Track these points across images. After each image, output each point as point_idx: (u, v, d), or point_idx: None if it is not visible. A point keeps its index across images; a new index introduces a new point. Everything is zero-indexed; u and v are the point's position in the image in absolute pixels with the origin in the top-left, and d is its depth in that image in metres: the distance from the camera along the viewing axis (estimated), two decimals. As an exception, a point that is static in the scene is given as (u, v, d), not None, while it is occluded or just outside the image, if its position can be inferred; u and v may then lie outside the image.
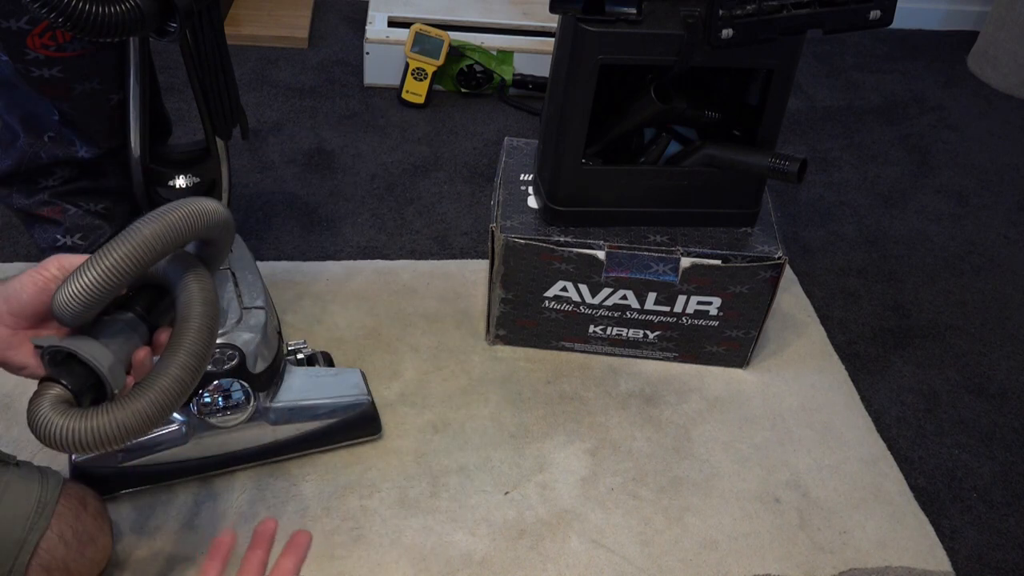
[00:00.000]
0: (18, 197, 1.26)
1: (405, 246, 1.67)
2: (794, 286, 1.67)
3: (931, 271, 1.76)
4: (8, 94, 1.16)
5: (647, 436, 1.37)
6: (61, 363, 0.80)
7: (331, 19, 2.35)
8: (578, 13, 1.18)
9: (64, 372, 0.78)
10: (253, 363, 1.15)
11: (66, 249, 1.30)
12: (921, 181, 2.01)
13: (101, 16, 0.83)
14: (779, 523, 1.27)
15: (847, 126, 2.17)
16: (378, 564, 1.16)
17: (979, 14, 2.62)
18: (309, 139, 1.92)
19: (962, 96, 2.35)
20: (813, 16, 1.17)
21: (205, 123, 1.15)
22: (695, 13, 1.17)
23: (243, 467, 1.24)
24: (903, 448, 1.40)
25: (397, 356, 1.44)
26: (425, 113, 2.04)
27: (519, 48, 2.08)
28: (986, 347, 1.61)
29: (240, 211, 1.69)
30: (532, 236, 1.33)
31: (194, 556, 1.14)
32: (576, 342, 1.46)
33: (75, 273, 0.74)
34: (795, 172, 1.24)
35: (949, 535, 1.28)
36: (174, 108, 1.84)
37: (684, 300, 1.37)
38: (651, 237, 1.35)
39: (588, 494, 1.28)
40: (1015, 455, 1.42)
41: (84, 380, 0.79)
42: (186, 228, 0.79)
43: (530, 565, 1.18)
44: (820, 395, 1.46)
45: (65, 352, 0.79)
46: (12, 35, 1.06)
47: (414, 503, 1.23)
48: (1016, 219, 1.93)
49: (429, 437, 1.32)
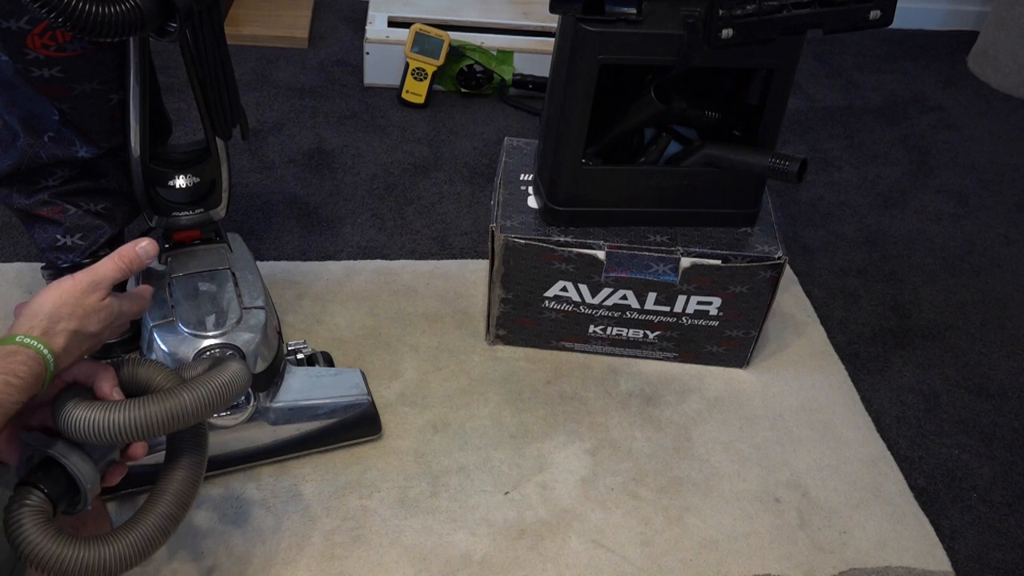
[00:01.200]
0: (18, 197, 1.26)
1: (405, 246, 1.67)
2: (794, 286, 1.67)
3: (931, 271, 1.76)
4: (8, 94, 1.16)
5: (647, 436, 1.37)
6: (40, 466, 0.82)
7: (331, 19, 2.35)
8: (578, 13, 1.18)
9: (43, 477, 0.81)
10: (253, 363, 1.15)
11: (66, 249, 1.30)
12: (921, 181, 2.01)
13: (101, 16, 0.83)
14: (779, 523, 1.27)
15: (847, 126, 2.17)
16: (378, 564, 1.16)
17: (979, 14, 2.62)
18: (309, 139, 1.92)
19: (962, 96, 2.35)
20: (813, 16, 1.17)
21: (205, 123, 1.15)
22: (695, 13, 1.17)
23: (243, 467, 1.24)
24: (903, 448, 1.40)
25: (397, 356, 1.44)
26: (425, 113, 2.04)
27: (519, 48, 2.08)
28: (986, 347, 1.60)
29: (240, 211, 1.69)
30: (532, 236, 1.33)
31: (194, 556, 1.14)
32: (576, 342, 1.46)
33: (103, 410, 0.80)
34: (795, 172, 1.24)
35: (949, 535, 1.28)
36: (174, 108, 1.84)
37: (684, 300, 1.37)
38: (651, 237, 1.35)
39: (588, 494, 1.28)
40: (1015, 455, 1.42)
41: (63, 487, 0.82)
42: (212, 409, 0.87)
43: (530, 565, 1.18)
44: (820, 395, 1.46)
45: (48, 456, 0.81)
46: (12, 35, 1.06)
47: (414, 503, 1.23)
48: (1016, 219, 1.93)
49: (429, 437, 1.32)
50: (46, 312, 0.82)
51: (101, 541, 0.80)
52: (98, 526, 1.01)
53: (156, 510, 0.87)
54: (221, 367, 0.90)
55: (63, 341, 0.82)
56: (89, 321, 0.85)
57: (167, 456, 0.93)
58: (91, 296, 0.86)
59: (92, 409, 0.80)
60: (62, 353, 0.82)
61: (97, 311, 0.86)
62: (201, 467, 0.93)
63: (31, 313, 0.82)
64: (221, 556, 1.15)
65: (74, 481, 0.81)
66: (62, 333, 0.82)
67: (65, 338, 0.83)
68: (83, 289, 0.85)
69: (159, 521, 0.86)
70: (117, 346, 1.30)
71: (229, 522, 1.18)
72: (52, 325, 0.82)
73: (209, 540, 1.16)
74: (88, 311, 0.85)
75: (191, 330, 1.13)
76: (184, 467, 0.91)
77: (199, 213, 1.23)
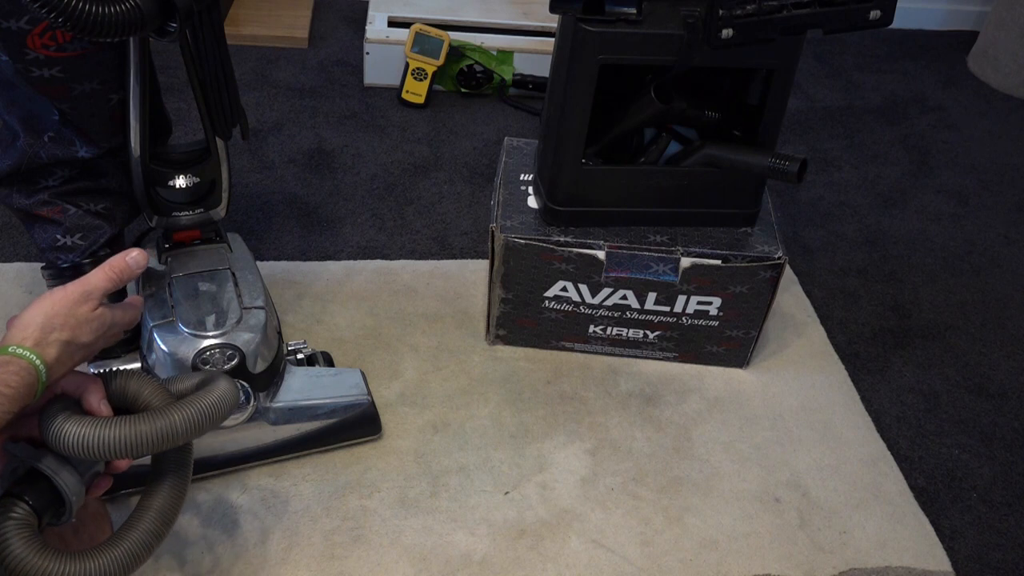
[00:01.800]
0: (18, 197, 1.26)
1: (405, 246, 1.67)
2: (794, 286, 1.67)
3: (931, 271, 1.76)
4: (8, 94, 1.16)
5: (647, 436, 1.37)
6: (25, 478, 0.82)
7: (331, 19, 2.35)
8: (578, 13, 1.18)
9: (28, 489, 0.81)
10: (253, 363, 1.15)
11: (66, 249, 1.29)
12: (921, 181, 2.01)
13: (101, 16, 0.83)
14: (779, 523, 1.27)
15: (847, 126, 2.17)
16: (378, 564, 1.16)
17: (979, 14, 2.62)
18: (309, 139, 1.92)
19: (962, 96, 2.35)
20: (813, 16, 1.17)
21: (205, 123, 1.15)
22: (695, 13, 1.17)
23: (243, 467, 1.24)
24: (903, 448, 1.40)
25: (397, 356, 1.44)
26: (425, 113, 2.04)
27: (519, 48, 2.08)
28: (986, 347, 1.60)
29: (240, 211, 1.69)
30: (532, 236, 1.33)
31: (192, 556, 1.14)
32: (576, 342, 1.46)
33: (93, 426, 0.81)
34: (795, 172, 1.24)
35: (949, 535, 1.28)
36: (174, 108, 1.84)
37: (684, 300, 1.37)
38: (651, 237, 1.35)
39: (588, 494, 1.28)
40: (1015, 455, 1.42)
41: (48, 499, 0.82)
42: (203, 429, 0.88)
43: (530, 565, 1.18)
44: (820, 395, 1.46)
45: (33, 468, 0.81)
46: (12, 35, 1.06)
47: (414, 503, 1.23)
48: (1016, 219, 1.93)
49: (429, 437, 1.32)
50: (38, 323, 0.83)
51: (86, 556, 0.81)
52: (99, 528, 1.02)
53: (141, 526, 0.88)
54: (211, 386, 0.90)
55: (55, 352, 0.83)
56: (81, 331, 0.85)
57: (152, 469, 0.93)
58: (83, 307, 0.86)
59: (82, 425, 0.80)
60: (54, 364, 0.83)
61: (89, 321, 0.86)
62: (186, 482, 0.94)
63: (23, 324, 0.83)
64: (221, 556, 1.15)
65: (59, 493, 0.82)
66: (54, 344, 0.83)
67: (57, 349, 0.83)
68: (75, 300, 0.86)
69: (143, 537, 0.87)
70: (117, 345, 1.30)
71: (229, 522, 1.18)
72: (44, 336, 0.82)
73: (209, 540, 1.16)
74: (80, 321, 0.85)
75: (191, 330, 1.13)
76: (169, 482, 0.92)
77: (199, 213, 1.23)
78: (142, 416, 0.83)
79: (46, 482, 0.81)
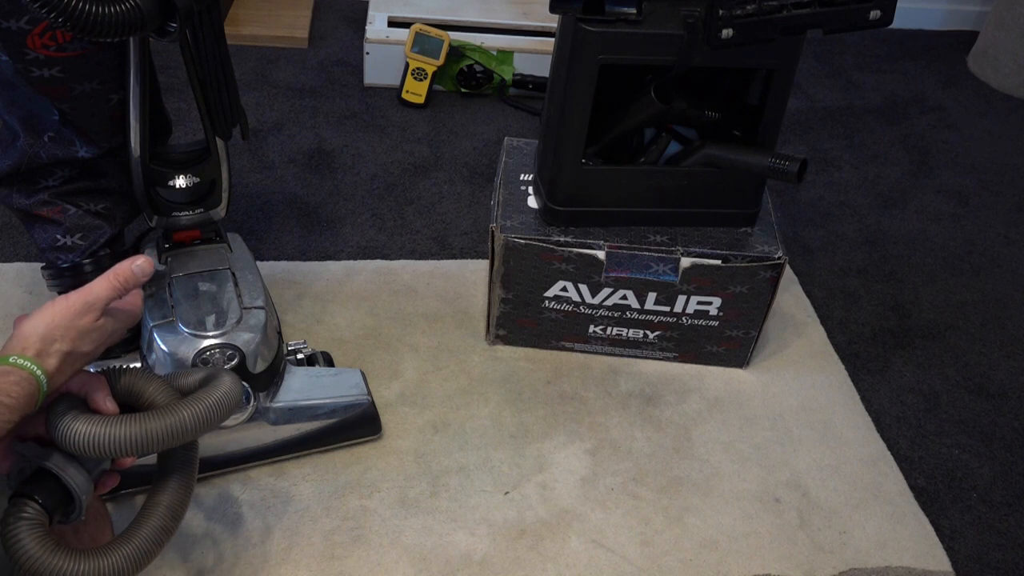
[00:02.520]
0: (18, 197, 1.26)
1: (405, 246, 1.67)
2: (794, 286, 1.67)
3: (931, 271, 1.76)
4: (8, 94, 1.16)
5: (647, 436, 1.37)
6: (34, 477, 0.82)
7: (331, 19, 2.35)
8: (578, 13, 1.18)
9: (38, 488, 0.81)
10: (253, 363, 1.15)
11: (66, 249, 1.29)
12: (921, 181, 2.01)
13: (101, 16, 0.83)
14: (779, 523, 1.27)
15: (847, 126, 2.17)
16: (378, 564, 1.16)
17: (979, 14, 2.62)
18: (309, 139, 1.92)
19: (962, 96, 2.35)
20: (813, 16, 1.17)
21: (205, 123, 1.15)
22: (695, 13, 1.17)
23: (243, 467, 1.24)
24: (903, 448, 1.40)
25: (397, 356, 1.44)
26: (425, 113, 2.04)
27: (519, 48, 2.08)
28: (986, 347, 1.61)
29: (240, 211, 1.69)
30: (532, 236, 1.33)
31: (193, 556, 1.14)
32: (576, 342, 1.46)
33: (102, 425, 0.81)
34: (795, 172, 1.24)
35: (949, 535, 1.28)
36: (174, 108, 1.84)
37: (684, 300, 1.37)
38: (651, 237, 1.35)
39: (588, 494, 1.28)
40: (1015, 455, 1.42)
41: (57, 498, 0.83)
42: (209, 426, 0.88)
43: (530, 565, 1.18)
44: (820, 395, 1.46)
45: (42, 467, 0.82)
46: (12, 35, 1.06)
47: (414, 503, 1.23)
48: (1016, 219, 1.93)
49: (429, 437, 1.32)
50: (39, 333, 0.83)
51: (98, 553, 0.82)
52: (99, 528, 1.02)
53: (151, 522, 0.88)
54: (216, 382, 0.90)
55: (56, 362, 0.83)
56: (82, 342, 0.86)
57: (159, 466, 0.93)
58: (85, 317, 0.86)
59: (92, 424, 0.81)
60: (55, 373, 0.83)
61: (90, 332, 0.87)
62: (193, 478, 0.94)
63: (25, 334, 0.83)
64: (221, 556, 1.15)
65: (68, 491, 0.82)
66: (55, 354, 0.83)
67: (58, 359, 0.83)
68: (77, 311, 0.86)
69: (153, 534, 0.87)
70: (117, 345, 1.30)
71: (229, 522, 1.18)
72: (46, 347, 0.83)
73: (208, 540, 1.16)
74: (81, 332, 0.86)
75: (191, 330, 1.13)
76: (176, 479, 0.92)
77: (199, 213, 1.23)
78: (152, 413, 0.84)
79: (55, 481, 0.82)
